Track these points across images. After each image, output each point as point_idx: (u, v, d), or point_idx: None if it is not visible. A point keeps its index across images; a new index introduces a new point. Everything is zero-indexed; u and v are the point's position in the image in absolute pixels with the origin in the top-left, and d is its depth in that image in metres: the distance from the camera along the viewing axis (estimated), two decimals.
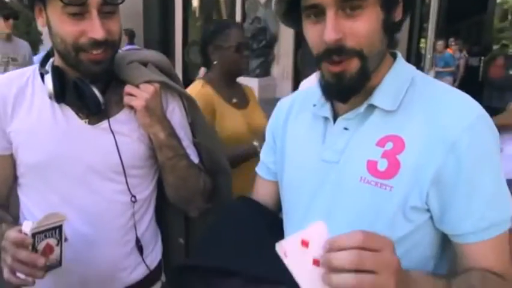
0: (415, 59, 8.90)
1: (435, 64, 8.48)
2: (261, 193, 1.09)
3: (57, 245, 0.95)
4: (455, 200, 0.79)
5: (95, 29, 1.00)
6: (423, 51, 8.06)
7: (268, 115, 1.16)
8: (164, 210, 1.30)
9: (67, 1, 0.98)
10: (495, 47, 9.25)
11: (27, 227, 0.90)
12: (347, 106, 0.88)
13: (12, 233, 0.91)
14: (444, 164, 0.78)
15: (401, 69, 0.89)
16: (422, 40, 8.71)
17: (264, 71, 11.21)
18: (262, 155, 1.11)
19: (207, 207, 1.25)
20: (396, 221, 0.81)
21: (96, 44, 1.01)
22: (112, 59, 1.09)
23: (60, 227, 0.96)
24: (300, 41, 10.07)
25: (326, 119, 0.92)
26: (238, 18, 12.09)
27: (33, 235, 0.90)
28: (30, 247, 0.90)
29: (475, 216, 0.78)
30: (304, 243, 0.63)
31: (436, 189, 0.79)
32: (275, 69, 11.52)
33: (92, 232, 1.11)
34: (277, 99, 1.11)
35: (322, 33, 0.79)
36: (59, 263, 0.97)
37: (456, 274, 0.79)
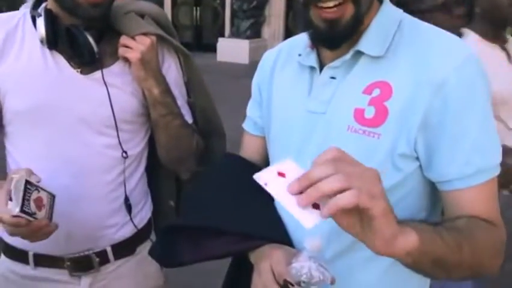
0: None
1: None
2: (249, 149, 1.07)
3: (45, 199, 0.94)
4: (441, 143, 0.77)
5: None
6: None
7: None
8: (155, 171, 1.27)
9: None
10: None
11: (11, 209, 0.87)
12: (333, 54, 0.86)
13: (5, 216, 0.88)
14: (430, 106, 0.76)
15: (387, 13, 0.86)
16: None
17: (255, 33, 11.04)
18: (248, 110, 1.08)
19: (198, 169, 1.22)
20: (385, 169, 0.78)
21: None
22: (111, 3, 1.04)
23: (29, 185, 0.91)
24: (291, 1, 9.90)
25: (312, 68, 0.90)
26: None
27: (22, 211, 0.88)
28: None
29: (460, 161, 0.77)
30: (281, 175, 0.64)
31: (423, 133, 0.77)
32: (266, 31, 11.35)
33: (79, 186, 1.08)
34: None
35: None
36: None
37: (443, 221, 0.79)
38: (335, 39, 0.82)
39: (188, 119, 1.21)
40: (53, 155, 1.06)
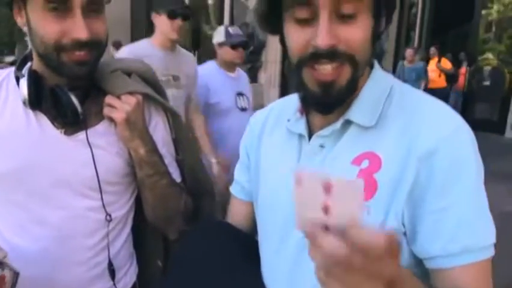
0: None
1: (403, 77, 7.61)
2: (236, 214, 1.03)
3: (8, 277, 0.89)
4: (425, 217, 0.73)
5: (78, 28, 0.93)
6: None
7: None
8: (142, 230, 1.23)
9: (47, 6, 0.92)
10: (479, 57, 9.39)
11: None
12: (322, 121, 0.83)
13: None
14: (416, 177, 0.72)
15: (378, 80, 0.84)
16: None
17: (252, 78, 11.17)
18: (236, 174, 1.05)
19: (187, 228, 1.17)
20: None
21: (79, 45, 0.94)
22: (97, 61, 1.02)
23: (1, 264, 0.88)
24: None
25: (301, 136, 0.87)
26: (226, 23, 12.09)
27: None
28: None
29: (444, 237, 0.72)
30: (327, 188, 0.53)
31: (409, 205, 0.73)
32: (262, 76, 11.52)
33: (60, 251, 1.04)
34: (264, 106, 1.08)
35: (310, 36, 0.74)
36: None
37: None
38: (329, 104, 0.79)
39: (176, 177, 1.18)
40: (32, 218, 1.02)
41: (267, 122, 0.98)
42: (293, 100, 0.91)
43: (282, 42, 0.83)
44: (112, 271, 1.11)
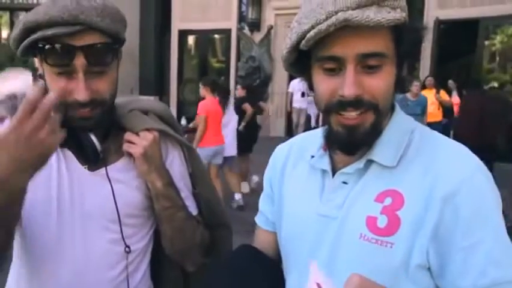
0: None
1: (406, 111, 7.43)
2: (261, 243, 1.06)
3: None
4: (453, 254, 0.77)
5: (79, 90, 0.99)
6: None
7: (261, 153, 1.15)
8: (160, 263, 1.25)
9: (51, 63, 0.98)
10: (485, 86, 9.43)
11: None
12: (345, 159, 0.88)
13: None
14: (441, 217, 0.77)
15: (400, 122, 0.89)
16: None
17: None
18: (261, 205, 1.09)
19: (204, 261, 1.21)
20: (399, 280, 0.79)
21: (80, 105, 1.01)
22: (103, 115, 1.07)
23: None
24: (293, 79, 10.26)
25: (324, 171, 0.92)
26: (233, 57, 12.30)
27: None
28: None
29: (474, 271, 0.76)
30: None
31: (435, 244, 0.77)
32: (269, 108, 11.63)
33: (79, 283, 1.07)
34: (271, 138, 1.11)
35: (337, 86, 0.80)
36: None
37: None
38: (353, 145, 0.84)
39: (193, 210, 1.21)
40: (57, 252, 1.06)
41: (290, 156, 1.03)
42: (315, 137, 0.96)
43: (310, 87, 0.88)
44: None
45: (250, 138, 6.34)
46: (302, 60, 0.86)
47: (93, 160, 1.08)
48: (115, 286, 1.11)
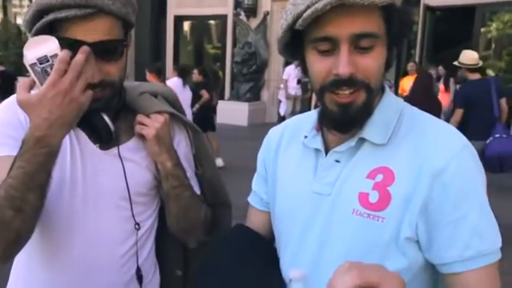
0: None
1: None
2: (255, 223, 1.10)
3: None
4: (441, 228, 0.81)
5: (91, 72, 1.01)
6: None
7: (257, 139, 1.18)
8: (162, 241, 1.30)
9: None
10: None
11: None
12: (337, 138, 0.91)
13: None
14: (430, 193, 0.81)
15: (389, 102, 0.92)
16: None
17: (254, 96, 11.31)
18: (254, 185, 1.13)
19: (205, 239, 1.26)
20: (390, 253, 0.83)
21: (91, 86, 1.02)
22: (112, 96, 1.11)
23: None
24: (288, 65, 10.24)
25: (317, 150, 0.95)
26: (229, 43, 12.25)
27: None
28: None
29: (460, 244, 0.80)
30: None
31: (424, 218, 0.82)
32: (265, 94, 11.63)
33: (93, 257, 1.12)
34: (266, 124, 1.14)
35: (331, 66, 0.83)
36: None
37: None
38: (346, 122, 0.87)
39: (197, 190, 1.26)
40: (70, 227, 1.10)
41: (283, 138, 1.06)
42: (308, 118, 1.00)
43: (304, 68, 0.91)
44: (140, 277, 1.19)
45: (204, 120, 6.57)
46: (295, 43, 0.89)
47: (106, 139, 1.11)
48: (126, 261, 1.16)
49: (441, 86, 8.32)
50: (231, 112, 10.74)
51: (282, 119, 9.25)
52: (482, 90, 4.61)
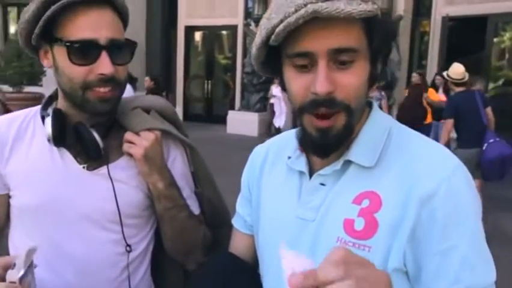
0: None
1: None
2: (238, 247, 1.05)
3: (32, 277, 0.91)
4: (429, 257, 0.75)
5: (104, 65, 0.99)
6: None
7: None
8: (162, 261, 1.25)
9: (76, 61, 0.99)
10: (492, 84, 9.35)
11: (12, 275, 0.85)
12: (323, 160, 0.85)
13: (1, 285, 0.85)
14: (418, 219, 0.75)
15: (377, 121, 0.86)
16: None
17: (264, 106, 11.29)
18: (238, 207, 1.07)
19: (205, 260, 1.18)
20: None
21: (104, 80, 1.00)
22: (118, 99, 1.07)
23: (32, 261, 0.91)
24: None
25: (302, 173, 0.89)
26: (239, 53, 12.28)
27: (20, 280, 0.85)
28: None
29: (449, 276, 0.74)
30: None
31: (411, 246, 0.76)
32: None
33: (81, 283, 1.06)
34: (275, 135, 1.09)
35: (309, 83, 0.77)
36: None
37: None
38: (326, 147, 0.82)
39: (195, 209, 1.20)
40: (55, 252, 1.06)
41: (268, 158, 1.00)
42: (292, 137, 0.93)
43: (282, 85, 0.86)
44: None
45: None
46: (273, 59, 0.84)
47: (94, 156, 1.06)
48: (117, 285, 1.11)
49: (440, 95, 7.76)
50: (241, 122, 10.73)
51: (277, 131, 8.97)
52: (469, 100, 4.98)
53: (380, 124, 0.86)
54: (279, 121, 9.60)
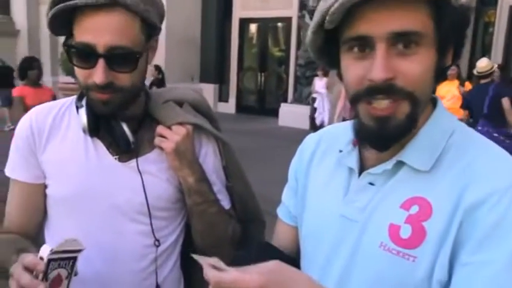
0: None
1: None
2: (282, 237, 1.02)
3: (66, 277, 0.89)
4: (459, 267, 0.68)
5: (97, 74, 0.98)
6: None
7: None
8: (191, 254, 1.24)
9: (77, 64, 1.00)
10: None
11: (45, 251, 0.85)
12: (375, 157, 0.80)
13: (27, 257, 0.86)
14: (459, 228, 0.68)
15: (440, 121, 0.79)
16: None
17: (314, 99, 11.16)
18: (284, 196, 1.04)
19: (236, 254, 1.16)
20: None
21: (98, 87, 1.00)
22: (121, 103, 1.04)
23: (75, 259, 0.90)
24: None
25: (351, 169, 0.84)
26: (293, 45, 12.20)
27: (49, 261, 0.85)
28: (41, 275, 0.84)
29: None
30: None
31: (451, 256, 0.69)
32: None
33: (109, 272, 1.08)
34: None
35: (367, 70, 0.71)
36: None
37: None
38: (383, 139, 0.75)
39: (226, 204, 1.19)
40: (86, 241, 1.06)
41: (318, 149, 0.96)
42: (347, 129, 0.87)
43: (339, 75, 0.81)
44: None
45: None
46: (330, 46, 0.78)
47: (124, 149, 1.07)
48: (144, 277, 1.12)
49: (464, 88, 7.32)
50: (293, 115, 10.67)
51: (318, 128, 8.55)
52: (481, 92, 5.54)
53: (442, 125, 0.78)
54: (321, 118, 9.30)
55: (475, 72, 5.71)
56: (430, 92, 0.76)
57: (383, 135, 0.74)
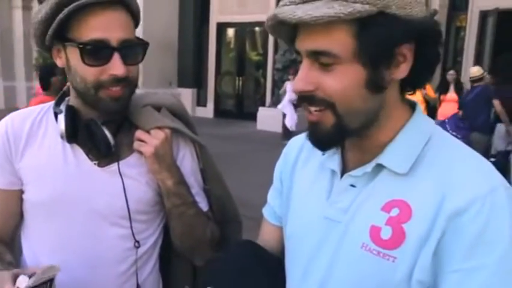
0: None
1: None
2: (267, 238, 1.05)
3: None
4: (446, 274, 0.71)
5: (116, 66, 1.01)
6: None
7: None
8: (170, 256, 1.27)
9: (88, 62, 1.01)
10: None
11: (22, 283, 0.87)
12: (356, 159, 0.84)
13: (6, 286, 0.88)
14: (442, 235, 0.71)
15: (417, 125, 0.81)
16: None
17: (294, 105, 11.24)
18: (269, 197, 1.07)
19: (213, 256, 1.20)
20: None
21: (116, 80, 1.02)
22: (129, 97, 1.09)
23: (52, 280, 0.92)
24: None
25: (333, 172, 0.88)
26: (270, 49, 12.26)
27: None
28: None
29: None
30: None
31: (434, 261, 0.72)
32: None
33: (90, 277, 1.09)
34: (305, 132, 1.08)
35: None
36: None
37: None
38: (317, 143, 0.82)
39: (204, 206, 1.22)
40: (66, 247, 1.09)
41: (302, 151, 0.99)
42: None
43: None
44: None
45: None
46: None
47: (105, 154, 1.08)
48: (125, 280, 1.13)
49: (452, 94, 7.39)
50: (271, 119, 10.70)
51: (288, 133, 8.48)
52: (470, 95, 6.55)
53: (420, 129, 0.81)
54: (290, 122, 9.17)
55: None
56: (365, 105, 0.77)
57: (315, 139, 0.82)
